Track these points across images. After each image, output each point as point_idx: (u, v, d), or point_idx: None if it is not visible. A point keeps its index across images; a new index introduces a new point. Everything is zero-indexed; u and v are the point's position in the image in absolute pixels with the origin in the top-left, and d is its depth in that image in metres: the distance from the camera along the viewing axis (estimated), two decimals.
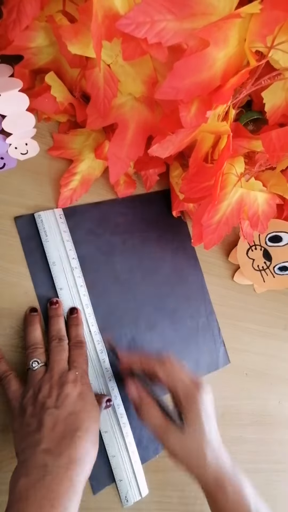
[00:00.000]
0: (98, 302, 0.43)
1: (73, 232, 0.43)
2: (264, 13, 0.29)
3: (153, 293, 0.47)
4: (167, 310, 0.48)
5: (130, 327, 0.45)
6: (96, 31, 0.29)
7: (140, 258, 0.47)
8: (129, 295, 0.46)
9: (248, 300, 0.55)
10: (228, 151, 0.35)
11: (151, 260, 0.48)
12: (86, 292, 0.42)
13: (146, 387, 0.39)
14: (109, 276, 0.45)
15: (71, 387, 0.36)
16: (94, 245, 0.45)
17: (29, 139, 0.40)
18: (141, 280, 0.47)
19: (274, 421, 0.54)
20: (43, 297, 0.41)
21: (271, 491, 0.52)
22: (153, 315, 0.47)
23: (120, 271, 0.46)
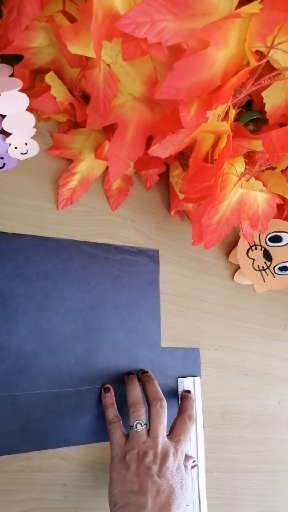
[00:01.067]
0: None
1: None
2: (264, 13, 0.29)
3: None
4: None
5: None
6: (96, 31, 0.29)
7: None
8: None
9: (248, 300, 0.55)
10: (228, 151, 0.35)
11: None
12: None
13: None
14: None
15: (172, 461, 0.38)
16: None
17: (29, 139, 0.40)
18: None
19: (274, 421, 0.54)
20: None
21: (271, 491, 0.52)
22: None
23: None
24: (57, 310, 0.42)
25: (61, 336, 0.42)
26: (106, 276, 0.46)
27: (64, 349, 0.42)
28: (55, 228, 0.43)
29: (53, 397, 0.40)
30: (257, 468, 0.52)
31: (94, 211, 0.46)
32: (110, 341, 0.44)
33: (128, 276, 0.47)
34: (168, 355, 0.48)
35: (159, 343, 0.48)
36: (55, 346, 0.41)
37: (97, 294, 0.45)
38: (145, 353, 0.46)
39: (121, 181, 0.47)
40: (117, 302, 0.46)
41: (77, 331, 0.43)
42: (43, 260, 0.42)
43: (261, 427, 0.53)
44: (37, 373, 0.40)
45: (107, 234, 0.46)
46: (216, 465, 0.49)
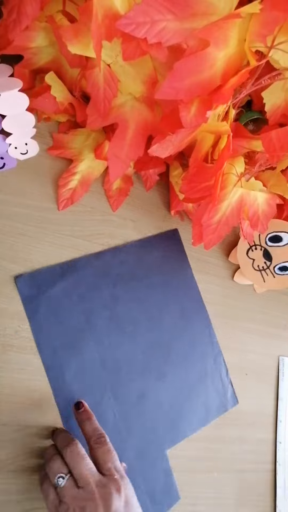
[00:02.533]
0: (105, 358, 0.43)
1: (75, 288, 0.42)
2: (264, 13, 0.29)
3: (159, 342, 0.46)
4: (175, 357, 0.47)
5: (139, 380, 0.44)
6: (96, 31, 0.29)
7: (144, 307, 0.46)
8: (137, 348, 0.45)
9: (248, 300, 0.55)
10: (228, 151, 0.35)
11: (156, 307, 0.47)
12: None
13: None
14: (114, 329, 0.44)
15: (117, 499, 0.31)
16: (98, 299, 0.44)
17: (29, 139, 0.40)
18: (147, 330, 0.46)
19: (274, 421, 0.54)
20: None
21: (271, 491, 0.52)
22: (161, 364, 0.46)
23: (125, 323, 0.45)
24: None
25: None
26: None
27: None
28: (55, 228, 0.43)
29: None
30: (257, 468, 0.52)
31: (95, 211, 0.46)
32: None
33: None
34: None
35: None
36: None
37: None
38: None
39: (121, 181, 0.47)
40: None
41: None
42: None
43: (261, 427, 0.53)
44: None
45: (107, 234, 0.46)
46: (216, 465, 0.49)
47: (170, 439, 0.45)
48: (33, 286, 0.40)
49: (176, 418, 0.45)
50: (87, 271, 0.44)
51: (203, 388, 0.48)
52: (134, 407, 0.43)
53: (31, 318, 0.40)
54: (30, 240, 0.42)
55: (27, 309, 0.39)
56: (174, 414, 0.45)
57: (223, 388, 0.50)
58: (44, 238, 0.42)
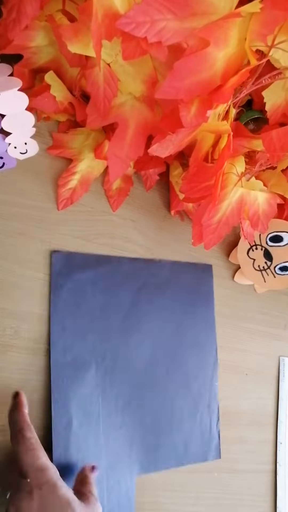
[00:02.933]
0: (106, 354, 0.43)
1: (102, 281, 0.44)
2: (264, 12, 0.28)
3: (163, 362, 0.46)
4: (171, 382, 0.46)
5: (130, 389, 0.44)
6: (96, 30, 0.29)
7: (159, 323, 0.47)
8: (139, 357, 0.45)
9: (248, 300, 0.55)
10: (228, 151, 0.35)
11: (169, 329, 0.47)
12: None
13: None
14: (124, 330, 0.44)
15: (26, 503, 0.30)
16: (118, 298, 0.45)
17: (29, 139, 0.40)
18: (153, 345, 0.46)
19: (274, 421, 0.54)
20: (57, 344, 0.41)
21: (271, 491, 0.52)
22: (156, 382, 0.45)
23: (136, 329, 0.45)
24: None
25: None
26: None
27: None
28: (55, 228, 0.43)
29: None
30: (257, 468, 0.52)
31: (94, 211, 0.46)
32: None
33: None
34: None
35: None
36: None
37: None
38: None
39: (121, 181, 0.47)
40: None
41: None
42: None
43: (261, 427, 0.53)
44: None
45: (107, 234, 0.46)
46: (216, 465, 0.48)
47: (141, 465, 0.43)
48: (66, 264, 0.42)
49: (153, 444, 0.44)
50: (118, 270, 0.45)
51: (189, 425, 0.47)
52: (117, 413, 0.42)
53: (53, 293, 0.41)
54: (30, 240, 0.42)
55: (53, 283, 0.41)
56: (153, 438, 0.44)
57: (209, 435, 0.48)
58: (44, 238, 0.42)
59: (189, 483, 0.46)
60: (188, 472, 0.46)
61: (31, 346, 0.40)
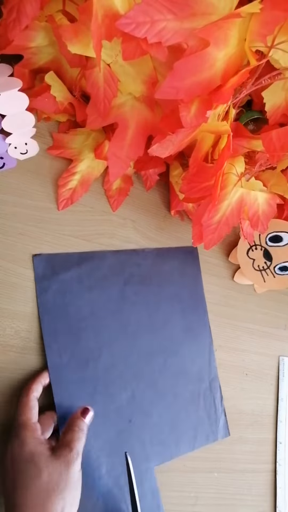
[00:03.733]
0: (102, 351, 0.43)
1: (88, 278, 0.43)
2: (264, 13, 0.29)
3: (157, 350, 0.46)
4: (169, 369, 0.46)
5: (131, 382, 0.44)
6: (96, 30, 0.29)
7: (150, 312, 0.46)
8: (135, 349, 0.45)
9: (248, 300, 0.55)
10: (228, 151, 0.35)
11: (161, 316, 0.47)
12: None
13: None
14: (116, 325, 0.44)
15: (5, 455, 0.34)
16: (107, 293, 0.44)
17: (29, 139, 0.40)
18: (148, 335, 0.46)
19: (274, 421, 0.54)
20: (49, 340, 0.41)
21: (271, 491, 0.52)
22: (155, 372, 0.45)
23: (128, 322, 0.45)
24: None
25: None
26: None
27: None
28: (55, 228, 0.43)
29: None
30: (257, 468, 0.52)
31: (94, 211, 0.46)
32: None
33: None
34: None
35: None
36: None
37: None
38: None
39: (121, 181, 0.47)
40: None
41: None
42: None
43: (261, 427, 0.53)
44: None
45: (107, 234, 0.46)
46: (216, 465, 0.48)
47: (157, 456, 0.43)
48: (48, 266, 0.41)
49: (164, 433, 0.44)
50: (102, 264, 0.44)
51: (194, 409, 0.47)
52: (124, 408, 0.42)
53: (40, 297, 0.41)
54: (30, 240, 0.42)
55: (38, 287, 0.41)
56: (162, 428, 0.44)
57: (215, 415, 0.48)
58: (44, 238, 0.42)
59: (189, 483, 0.46)
60: (188, 472, 0.46)
61: (31, 346, 0.40)
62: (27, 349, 0.40)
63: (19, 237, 0.41)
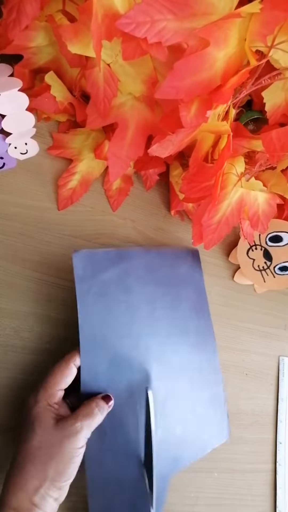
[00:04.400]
0: (141, 358, 0.40)
1: (126, 277, 0.41)
2: (264, 13, 0.29)
3: (183, 357, 0.44)
4: (191, 377, 0.45)
5: (164, 389, 0.42)
6: (96, 30, 0.29)
7: (175, 317, 0.44)
8: (165, 355, 0.43)
9: (248, 300, 0.55)
10: (228, 151, 0.35)
11: (183, 320, 0.45)
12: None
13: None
14: (152, 330, 0.42)
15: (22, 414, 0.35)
16: (142, 294, 0.42)
17: (29, 139, 0.40)
18: (177, 341, 0.44)
19: (274, 421, 0.54)
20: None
21: (271, 491, 0.52)
22: (179, 379, 0.44)
23: (161, 327, 0.43)
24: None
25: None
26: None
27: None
28: (55, 228, 0.43)
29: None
30: (257, 468, 0.52)
31: (94, 211, 0.46)
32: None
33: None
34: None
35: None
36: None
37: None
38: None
39: (121, 181, 0.47)
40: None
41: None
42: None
43: (261, 427, 0.53)
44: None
45: (107, 234, 0.46)
46: (216, 465, 0.48)
47: (172, 466, 0.42)
48: (88, 266, 0.39)
49: (181, 439, 0.42)
50: (137, 263, 0.42)
51: (209, 414, 0.46)
52: (157, 415, 0.40)
53: (81, 298, 0.38)
54: (30, 240, 0.42)
55: (78, 288, 0.38)
56: (180, 438, 0.42)
57: (221, 417, 0.47)
58: (44, 238, 0.42)
59: (189, 483, 0.46)
60: (188, 472, 0.46)
61: (31, 346, 0.40)
62: (27, 349, 0.40)
63: (19, 237, 0.41)
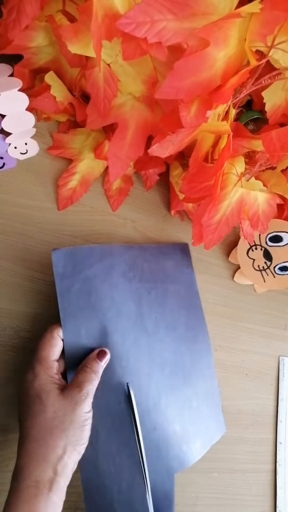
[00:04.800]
0: (129, 354, 0.40)
1: (108, 273, 0.41)
2: (264, 13, 0.29)
3: (168, 352, 0.44)
4: (183, 371, 0.45)
5: (156, 386, 0.42)
6: (96, 30, 0.29)
7: (163, 312, 0.45)
8: (155, 350, 0.43)
9: (248, 300, 0.55)
10: (228, 151, 0.35)
11: (171, 316, 0.45)
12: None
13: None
14: (139, 326, 0.42)
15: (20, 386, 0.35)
16: (127, 291, 0.42)
17: (29, 139, 0.40)
18: (165, 336, 0.44)
19: (274, 421, 0.54)
20: (69, 342, 0.37)
21: (271, 491, 0.52)
22: (171, 374, 0.44)
23: (148, 322, 0.43)
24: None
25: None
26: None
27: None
28: (55, 228, 0.43)
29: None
30: (257, 468, 0.52)
31: (94, 211, 0.46)
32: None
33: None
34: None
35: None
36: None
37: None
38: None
39: (121, 181, 0.47)
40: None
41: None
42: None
43: (261, 427, 0.53)
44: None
45: (107, 234, 0.46)
46: (216, 465, 0.48)
47: (177, 462, 0.42)
48: (69, 263, 0.38)
49: (183, 437, 0.43)
50: (121, 260, 0.42)
51: (206, 409, 0.46)
52: (149, 415, 0.41)
53: (62, 296, 0.37)
54: (30, 240, 0.42)
55: (58, 286, 0.37)
56: (180, 431, 0.43)
57: (216, 412, 0.47)
58: (44, 238, 0.42)
59: (189, 483, 0.46)
60: (188, 472, 0.46)
61: (31, 346, 0.40)
62: (27, 349, 0.40)
63: (19, 237, 0.41)
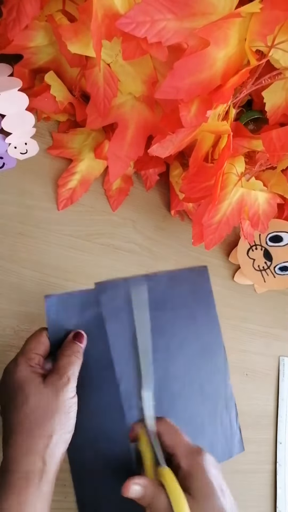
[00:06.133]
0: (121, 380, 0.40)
1: (106, 312, 0.40)
2: (264, 13, 0.29)
3: (177, 375, 0.44)
4: (187, 393, 0.45)
5: (160, 408, 0.40)
6: (96, 30, 0.29)
7: (167, 339, 0.44)
8: (159, 372, 0.42)
9: (248, 300, 0.55)
10: (228, 151, 0.35)
11: (178, 340, 0.45)
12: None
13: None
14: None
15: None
16: (123, 324, 0.41)
17: (29, 139, 0.40)
18: (166, 362, 0.44)
19: (274, 421, 0.54)
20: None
21: (271, 491, 0.52)
22: (176, 396, 0.44)
23: (154, 349, 0.41)
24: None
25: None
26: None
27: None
28: (55, 228, 0.43)
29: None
30: (257, 468, 0.52)
31: (94, 211, 0.46)
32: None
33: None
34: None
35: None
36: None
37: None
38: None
39: (121, 181, 0.47)
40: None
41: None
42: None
43: (261, 427, 0.53)
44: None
45: (107, 234, 0.46)
46: None
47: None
48: (61, 310, 0.37)
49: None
50: (116, 295, 0.41)
51: (211, 429, 0.46)
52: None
53: (56, 342, 0.37)
54: (30, 240, 0.42)
55: (51, 332, 0.36)
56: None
57: (231, 433, 0.47)
58: (43, 238, 0.42)
59: None
60: None
61: None
62: None
63: (19, 237, 0.41)
